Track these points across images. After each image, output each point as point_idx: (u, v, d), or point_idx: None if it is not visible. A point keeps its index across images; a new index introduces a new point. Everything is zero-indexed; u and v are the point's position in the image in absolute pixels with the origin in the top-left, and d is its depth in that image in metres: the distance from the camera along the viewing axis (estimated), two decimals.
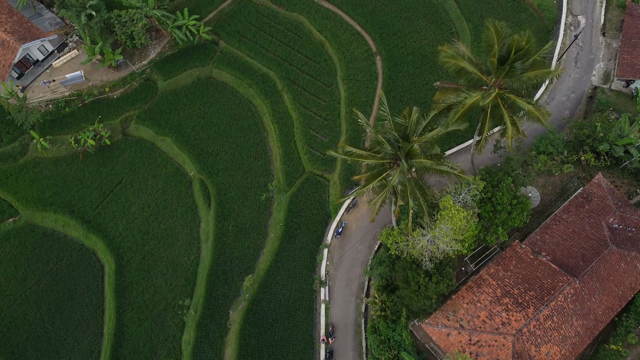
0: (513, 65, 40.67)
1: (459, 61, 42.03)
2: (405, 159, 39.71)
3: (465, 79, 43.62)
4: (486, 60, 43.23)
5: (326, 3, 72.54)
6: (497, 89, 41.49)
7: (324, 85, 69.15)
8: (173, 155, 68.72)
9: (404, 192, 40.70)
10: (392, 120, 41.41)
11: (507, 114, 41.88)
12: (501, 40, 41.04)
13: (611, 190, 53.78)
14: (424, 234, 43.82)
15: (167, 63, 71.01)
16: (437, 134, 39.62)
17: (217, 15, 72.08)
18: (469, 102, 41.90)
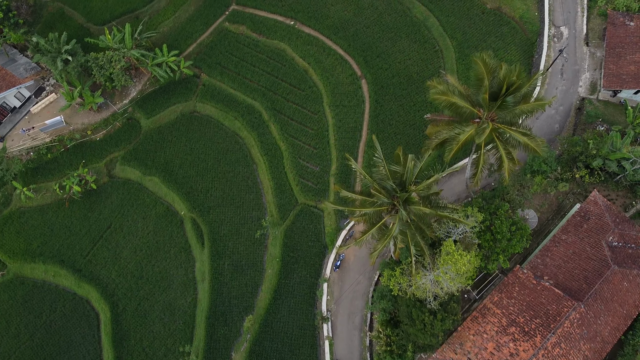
0: (505, 100, 40.14)
1: (449, 97, 41.43)
2: (403, 205, 38.95)
3: (457, 113, 42.97)
4: (477, 93, 42.64)
5: (307, 28, 71.65)
6: (490, 123, 40.94)
7: (310, 113, 68.28)
8: (162, 194, 67.39)
9: (404, 237, 39.95)
10: (388, 168, 40.49)
11: (503, 148, 41.33)
12: (491, 74, 40.46)
13: (608, 206, 53.60)
14: (426, 274, 43.14)
15: (149, 100, 69.64)
16: (434, 181, 38.91)
17: (196, 48, 70.86)
18: (463, 137, 41.34)
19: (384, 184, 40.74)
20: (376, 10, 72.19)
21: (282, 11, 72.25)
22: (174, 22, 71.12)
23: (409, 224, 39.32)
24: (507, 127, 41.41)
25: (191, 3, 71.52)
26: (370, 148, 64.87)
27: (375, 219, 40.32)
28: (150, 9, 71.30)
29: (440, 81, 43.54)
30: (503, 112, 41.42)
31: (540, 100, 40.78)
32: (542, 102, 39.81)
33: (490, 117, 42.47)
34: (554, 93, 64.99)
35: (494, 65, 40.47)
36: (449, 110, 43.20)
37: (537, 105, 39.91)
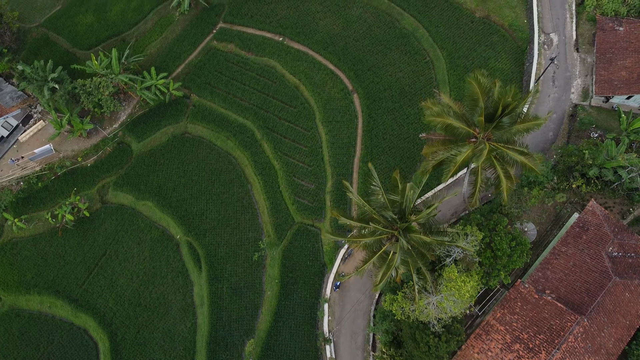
0: (501, 120, 39.83)
1: (445, 119, 41.09)
2: (403, 234, 38.49)
3: (453, 133, 42.61)
4: (472, 112, 42.31)
5: (296, 44, 71.09)
6: (487, 144, 40.61)
7: (303, 130, 67.75)
8: (156, 219, 66.60)
9: (405, 265, 39.50)
10: (387, 197, 39.98)
11: (501, 167, 41.01)
12: (486, 95, 40.13)
13: (606, 216, 53.51)
14: (429, 299, 42.74)
15: (140, 124, 68.83)
16: (433, 209, 38.50)
17: (185, 68, 70.13)
18: (460, 159, 41.02)
19: (383, 212, 40.25)
20: (365, 23, 71.78)
21: (270, 27, 71.66)
22: (161, 43, 70.33)
23: (410, 250, 38.90)
24: (504, 146, 41.10)
25: (178, 23, 70.75)
26: (364, 164, 64.41)
27: (375, 247, 39.87)
28: (136, 31, 70.48)
29: (435, 102, 43.21)
30: (499, 132, 41.14)
31: (536, 119, 40.43)
32: (538, 121, 39.56)
33: (486, 136, 42.15)
34: (546, 101, 64.89)
35: (488, 85, 40.11)
36: (444, 131, 42.79)
37: (533, 125, 39.68)
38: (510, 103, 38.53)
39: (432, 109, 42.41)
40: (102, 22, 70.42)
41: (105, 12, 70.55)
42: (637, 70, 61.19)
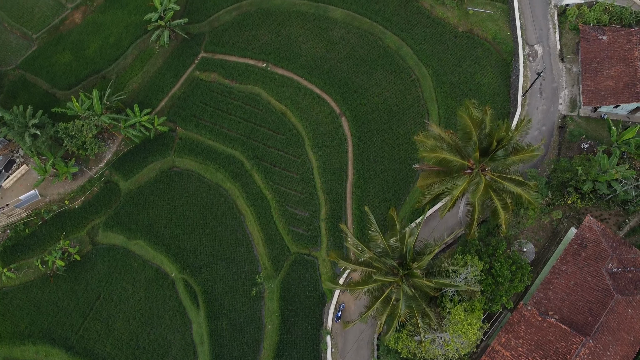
0: (496, 154, 39.44)
1: (439, 153, 40.71)
2: (405, 281, 37.91)
3: (448, 166, 42.16)
4: (466, 144, 41.89)
5: (280, 69, 70.28)
6: (483, 177, 40.21)
7: (293, 157, 67.00)
8: (149, 257, 65.47)
9: (410, 310, 38.94)
10: (387, 243, 39.37)
11: (498, 199, 40.63)
12: (478, 127, 39.73)
13: (603, 231, 53.49)
14: (434, 337, 42.25)
15: (126, 161, 67.56)
16: (435, 254, 37.99)
17: (169, 101, 69.03)
18: (457, 193, 40.71)
19: (383, 259, 39.62)
20: (348, 43, 71.19)
21: (252, 54, 70.75)
22: (143, 78, 69.08)
23: (414, 293, 38.37)
24: (499, 176, 40.73)
25: (158, 56, 69.57)
26: (358, 189, 63.83)
27: (377, 292, 39.26)
28: (116, 67, 69.14)
29: (427, 135, 42.77)
30: (494, 163, 40.75)
31: (530, 148, 40.13)
32: (532, 152, 39.45)
33: (481, 167, 41.76)
34: (535, 113, 64.81)
35: (480, 117, 39.71)
36: (439, 164, 42.31)
37: (528, 156, 39.35)
38: (504, 137, 38.10)
39: (425, 143, 41.93)
40: (81, 61, 68.95)
41: (83, 50, 69.11)
42: (623, 79, 61.32)
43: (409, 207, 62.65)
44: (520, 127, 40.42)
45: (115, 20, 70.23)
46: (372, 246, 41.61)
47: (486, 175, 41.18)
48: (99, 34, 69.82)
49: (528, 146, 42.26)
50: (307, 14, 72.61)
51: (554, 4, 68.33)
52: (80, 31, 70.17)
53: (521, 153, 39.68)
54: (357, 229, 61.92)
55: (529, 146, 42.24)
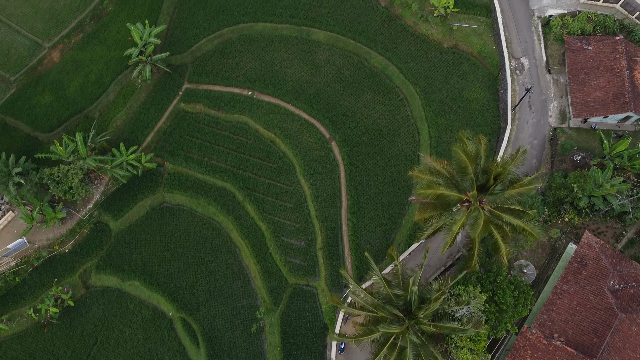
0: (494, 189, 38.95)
1: (436, 190, 40.23)
2: (412, 329, 37.23)
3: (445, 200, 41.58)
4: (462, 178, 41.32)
5: (266, 97, 69.43)
6: (482, 212, 39.68)
7: (285, 186, 66.17)
8: (145, 297, 64.31)
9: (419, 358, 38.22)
10: (391, 292, 38.64)
11: (498, 232, 40.11)
12: (474, 162, 39.18)
13: (602, 247, 53.36)
14: None
15: (115, 200, 66.31)
16: (441, 299, 37.38)
17: (155, 136, 67.84)
18: (456, 228, 40.21)
19: (387, 307, 38.87)
20: (333, 66, 70.48)
21: (237, 83, 69.82)
22: (127, 114, 67.83)
23: (421, 337, 37.73)
24: (499, 210, 40.20)
25: (141, 90, 68.34)
26: (353, 215, 63.15)
27: (383, 339, 38.56)
28: (99, 105, 67.83)
29: (422, 169, 42.11)
30: (492, 197, 40.25)
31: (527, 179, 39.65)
32: (530, 185, 38.96)
33: (480, 200, 41.26)
34: (525, 128, 64.61)
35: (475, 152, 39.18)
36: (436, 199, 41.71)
37: (526, 190, 38.91)
38: (501, 173, 37.60)
39: (421, 178, 41.29)
40: (62, 101, 67.49)
41: (63, 90, 67.64)
42: (611, 89, 61.32)
43: (406, 231, 62.12)
44: (517, 159, 39.96)
45: (95, 57, 68.86)
46: (375, 292, 40.80)
47: (484, 208, 40.67)
48: (78, 72, 68.41)
49: (525, 175, 41.79)
50: (290, 38, 71.80)
51: (537, 16, 68.22)
52: (59, 70, 68.70)
53: (519, 186, 39.23)
54: (355, 256, 61.33)
55: (525, 175, 41.78)
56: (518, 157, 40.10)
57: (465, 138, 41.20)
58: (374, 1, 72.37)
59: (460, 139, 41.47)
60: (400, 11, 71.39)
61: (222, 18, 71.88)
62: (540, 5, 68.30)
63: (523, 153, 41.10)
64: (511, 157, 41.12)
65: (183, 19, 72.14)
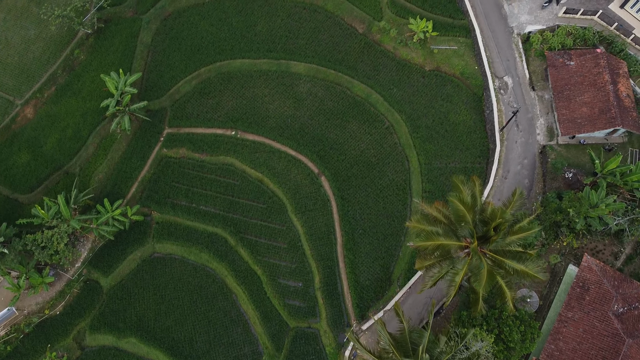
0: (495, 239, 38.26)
1: (435, 241, 39.45)
2: None
3: (445, 249, 40.78)
4: (461, 226, 40.53)
5: (250, 135, 68.21)
6: (484, 261, 38.91)
7: (278, 226, 65.03)
8: (143, 354, 62.76)
9: None
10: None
11: (502, 279, 39.41)
12: (472, 210, 38.43)
13: (603, 269, 53.21)
14: None
15: (103, 256, 64.65)
16: None
17: (139, 186, 66.26)
18: (459, 279, 39.44)
19: None
20: (316, 97, 69.47)
21: (219, 123, 68.51)
22: (108, 166, 66.07)
23: None
24: (501, 255, 39.52)
25: (121, 140, 66.65)
26: (349, 252, 62.19)
27: None
28: (79, 160, 66.01)
29: (420, 219, 41.30)
30: (493, 244, 39.52)
31: (528, 224, 39.07)
32: (531, 231, 38.15)
33: (480, 247, 40.56)
34: (514, 148, 64.26)
35: (472, 200, 38.41)
36: (436, 249, 40.89)
37: (527, 234, 38.24)
38: (501, 223, 36.90)
39: (419, 228, 40.44)
40: (40, 159, 65.51)
41: (40, 147, 65.64)
42: (597, 104, 61.18)
43: (404, 263, 61.40)
44: (513, 203, 39.27)
45: (70, 110, 66.97)
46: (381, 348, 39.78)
47: (486, 254, 39.98)
48: (54, 127, 66.47)
49: (523, 216, 41.15)
50: (270, 72, 70.61)
51: (517, 33, 67.91)
52: (34, 127, 66.72)
53: (519, 231, 38.63)
54: (355, 294, 60.51)
55: (524, 216, 41.14)
56: (515, 201, 39.43)
57: (460, 183, 40.45)
58: (352, 28, 71.46)
59: (455, 184, 40.70)
60: (379, 37, 70.56)
61: (198, 58, 70.40)
62: (519, 22, 67.97)
63: (520, 196, 40.48)
64: (508, 201, 40.45)
65: (158, 61, 70.51)
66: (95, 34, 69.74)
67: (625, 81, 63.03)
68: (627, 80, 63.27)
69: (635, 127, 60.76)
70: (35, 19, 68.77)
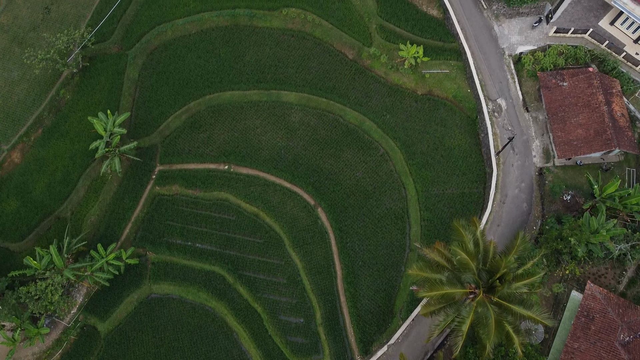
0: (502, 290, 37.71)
1: (440, 290, 38.76)
2: None
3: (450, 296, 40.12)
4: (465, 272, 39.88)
5: (244, 168, 67.28)
6: (491, 309, 38.30)
7: (276, 261, 64.24)
8: None
9: None
10: None
11: (509, 324, 38.82)
12: (475, 258, 37.80)
13: (607, 297, 52.94)
14: None
15: (99, 301, 63.61)
16: None
17: (133, 227, 65.18)
18: (466, 328, 38.77)
19: None
20: (308, 127, 68.64)
21: (211, 158, 67.49)
22: (100, 208, 64.88)
23: None
24: (507, 301, 38.92)
25: (112, 181, 65.49)
26: (350, 285, 61.42)
27: None
28: (69, 204, 64.74)
29: (422, 266, 40.62)
30: (499, 293, 38.93)
31: (533, 269, 38.50)
32: (536, 275, 37.63)
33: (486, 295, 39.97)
34: (511, 171, 63.83)
35: (475, 249, 37.80)
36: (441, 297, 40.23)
37: (532, 282, 37.66)
38: (507, 273, 36.29)
39: (420, 275, 39.77)
40: (29, 205, 64.19)
41: (29, 193, 64.29)
42: (592, 126, 60.95)
43: (405, 295, 60.74)
44: (517, 248, 38.70)
45: (59, 153, 65.62)
46: None
47: (492, 301, 39.37)
48: (43, 171, 65.12)
49: (527, 257, 40.61)
50: (261, 103, 69.69)
51: (508, 54, 67.47)
52: (22, 172, 65.32)
53: (525, 278, 38.13)
54: (357, 329, 59.84)
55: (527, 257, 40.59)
56: (518, 246, 38.84)
57: (461, 228, 39.82)
58: (342, 54, 70.67)
59: (457, 229, 40.07)
60: (369, 62, 69.86)
61: (187, 91, 69.29)
62: (510, 43, 67.54)
63: (523, 241, 39.85)
64: (511, 245, 39.89)
65: (146, 97, 69.32)
66: (81, 72, 68.41)
67: (619, 100, 62.85)
68: (621, 98, 63.08)
69: (631, 147, 60.65)
70: (18, 60, 67.33)
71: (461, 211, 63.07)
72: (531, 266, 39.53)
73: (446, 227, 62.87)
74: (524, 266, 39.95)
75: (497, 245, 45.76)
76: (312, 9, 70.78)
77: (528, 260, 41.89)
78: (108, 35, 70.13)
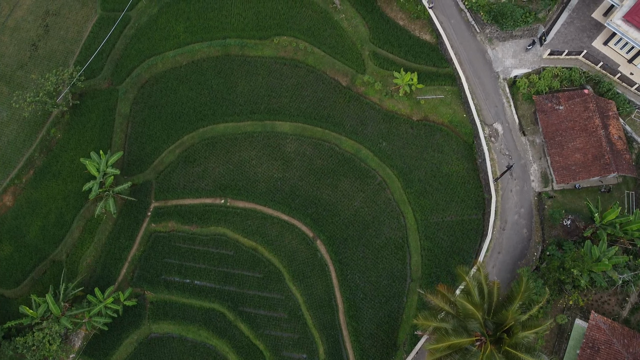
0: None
1: (447, 341, 38.23)
2: None
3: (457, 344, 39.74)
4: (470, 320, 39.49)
5: (240, 202, 66.76)
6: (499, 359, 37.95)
7: (276, 296, 63.78)
8: None
9: None
10: None
11: None
12: (481, 309, 37.43)
13: (611, 327, 52.84)
14: None
15: (98, 344, 63.01)
16: None
17: (130, 267, 64.54)
18: None
19: None
20: (304, 157, 68.13)
21: (206, 192, 66.90)
22: (96, 249, 64.13)
23: None
24: (516, 352, 38.54)
25: (107, 220, 64.74)
26: (352, 319, 60.95)
27: None
28: (64, 247, 63.99)
29: (427, 315, 40.16)
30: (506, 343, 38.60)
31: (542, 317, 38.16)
32: (545, 324, 37.37)
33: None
34: (509, 197, 63.56)
35: (480, 300, 37.42)
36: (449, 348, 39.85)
37: (539, 330, 37.32)
38: (514, 326, 35.93)
39: (427, 324, 39.36)
40: (23, 250, 63.37)
41: (22, 237, 63.48)
42: (590, 150, 60.76)
43: (408, 327, 60.35)
44: (522, 295, 38.34)
45: (52, 194, 64.81)
46: None
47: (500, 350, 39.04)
48: (36, 213, 64.28)
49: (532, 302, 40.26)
50: (255, 134, 69.14)
51: (503, 78, 67.18)
52: (14, 215, 64.46)
53: (532, 328, 37.85)
54: None
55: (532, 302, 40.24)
56: (523, 293, 38.50)
57: (465, 274, 39.39)
58: (335, 82, 70.16)
59: (460, 275, 39.69)
60: (364, 89, 69.43)
61: (180, 125, 68.65)
62: (504, 66, 67.24)
63: (527, 288, 39.51)
64: (515, 291, 39.55)
65: (139, 132, 68.58)
66: (71, 110, 67.58)
67: (616, 122, 62.72)
68: (617, 121, 62.95)
69: (629, 171, 60.55)
70: (6, 100, 66.50)
71: (461, 239, 62.87)
72: (537, 311, 39.24)
73: (447, 255, 62.70)
74: (530, 311, 39.67)
75: (501, 285, 45.40)
76: (304, 36, 70.30)
77: (533, 304, 41.62)
78: (98, 71, 69.33)
